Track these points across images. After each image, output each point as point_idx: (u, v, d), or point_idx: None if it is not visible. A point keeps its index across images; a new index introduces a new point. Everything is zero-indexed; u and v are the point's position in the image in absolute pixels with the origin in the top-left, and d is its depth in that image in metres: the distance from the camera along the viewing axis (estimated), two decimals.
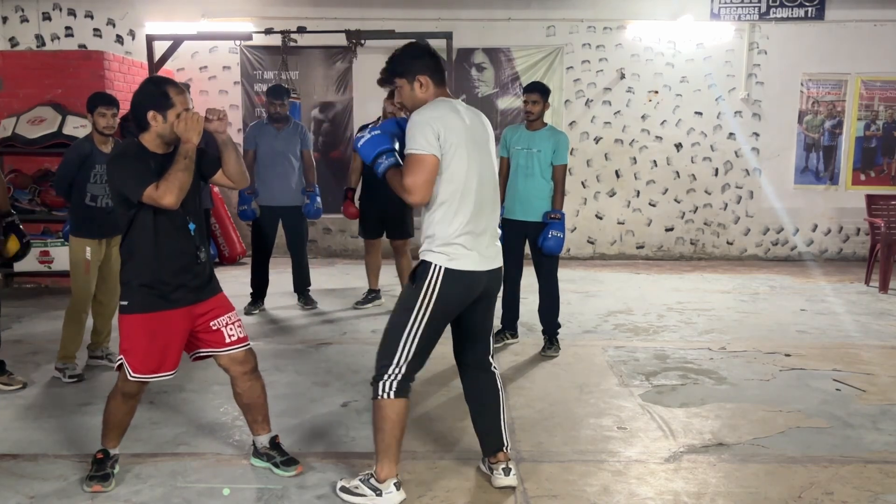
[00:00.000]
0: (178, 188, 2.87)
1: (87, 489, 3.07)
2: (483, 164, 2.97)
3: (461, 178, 2.88)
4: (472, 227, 2.91)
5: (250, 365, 3.22)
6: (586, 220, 9.28)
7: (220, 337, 3.13)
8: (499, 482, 3.12)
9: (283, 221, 6.26)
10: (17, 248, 4.17)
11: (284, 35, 7.70)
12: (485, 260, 2.96)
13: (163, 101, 2.94)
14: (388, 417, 2.92)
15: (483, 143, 3.00)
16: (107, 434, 3.17)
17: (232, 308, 3.23)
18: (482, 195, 2.95)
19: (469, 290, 2.95)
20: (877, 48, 8.86)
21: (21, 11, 8.82)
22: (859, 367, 4.85)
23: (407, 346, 2.91)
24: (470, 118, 2.97)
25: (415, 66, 2.94)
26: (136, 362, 3.00)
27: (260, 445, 3.33)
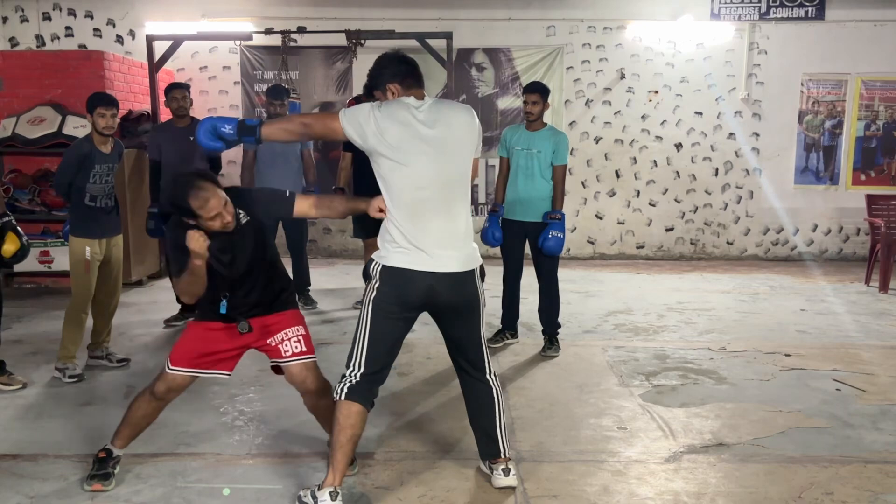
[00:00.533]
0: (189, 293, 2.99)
1: (88, 488, 3.07)
2: (437, 164, 2.88)
3: (398, 180, 2.87)
4: (410, 228, 2.87)
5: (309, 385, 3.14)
6: (586, 220, 9.28)
7: (278, 352, 3.16)
8: (499, 482, 3.12)
9: (283, 222, 6.26)
10: (16, 248, 4.15)
11: (284, 35, 7.69)
12: (429, 261, 2.86)
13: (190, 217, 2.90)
14: (337, 419, 2.88)
15: (443, 143, 2.90)
16: (120, 431, 3.18)
17: (297, 323, 3.20)
18: (429, 195, 2.87)
19: (406, 288, 2.88)
20: (877, 48, 8.86)
21: (21, 11, 8.82)
22: (859, 367, 4.85)
23: (358, 347, 2.92)
24: (431, 118, 2.89)
25: (384, 76, 3.01)
26: (178, 355, 3.08)
27: None
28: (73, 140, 5.53)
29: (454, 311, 3.02)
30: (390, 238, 2.91)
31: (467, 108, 3.06)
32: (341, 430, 2.86)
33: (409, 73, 3.01)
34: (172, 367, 3.06)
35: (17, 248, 4.16)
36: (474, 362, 3.14)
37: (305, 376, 3.14)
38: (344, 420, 2.86)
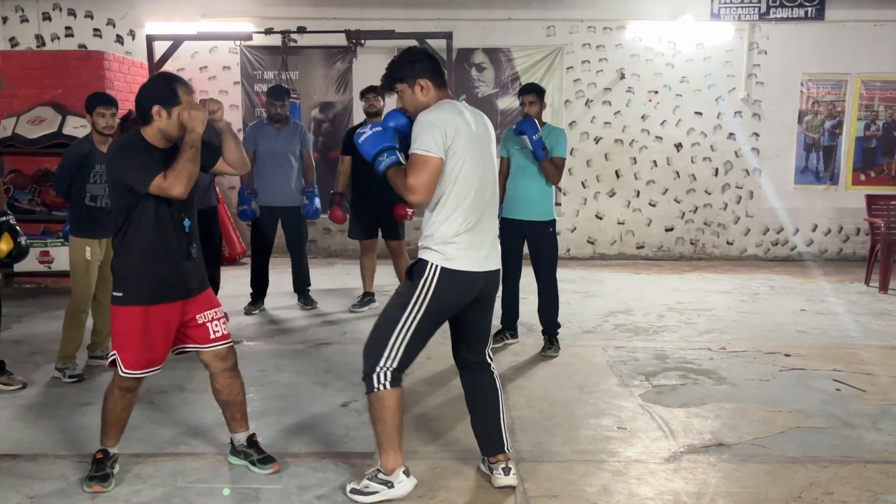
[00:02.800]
0: (186, 178, 2.89)
1: (87, 489, 3.07)
2: (485, 166, 2.98)
3: (463, 180, 2.90)
4: (472, 228, 2.92)
5: (231, 362, 3.23)
6: (586, 220, 9.28)
7: (205, 333, 3.14)
8: (499, 482, 3.12)
9: (283, 221, 6.26)
10: (10, 248, 4.14)
11: (284, 35, 7.70)
12: (482, 261, 2.96)
13: (170, 98, 2.95)
14: (388, 407, 2.94)
15: (485, 146, 3.01)
16: (106, 432, 3.17)
17: (218, 304, 3.24)
18: (482, 197, 2.96)
19: (465, 290, 2.95)
20: (877, 48, 8.86)
21: (21, 11, 8.82)
22: (859, 367, 4.85)
23: (398, 342, 2.93)
24: (474, 120, 2.99)
25: (415, 70, 2.97)
26: (130, 358, 3.02)
27: (237, 443, 3.34)
28: (73, 140, 5.53)
29: (484, 304, 3.09)
30: (450, 239, 2.90)
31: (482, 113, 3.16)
32: (394, 415, 2.95)
33: (439, 70, 3.05)
34: (126, 372, 3.02)
35: (11, 248, 4.14)
36: (480, 355, 3.17)
37: (227, 354, 3.22)
38: (395, 406, 2.95)
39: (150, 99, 2.97)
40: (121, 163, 2.96)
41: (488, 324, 3.18)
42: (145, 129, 3.01)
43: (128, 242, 3.02)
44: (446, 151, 2.85)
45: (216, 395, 3.28)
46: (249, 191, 6.06)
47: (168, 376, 3.72)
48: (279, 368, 4.74)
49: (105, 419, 3.16)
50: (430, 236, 2.94)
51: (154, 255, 3.00)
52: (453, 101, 3.00)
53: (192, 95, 3.02)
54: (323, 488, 3.12)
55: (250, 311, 6.19)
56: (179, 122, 2.95)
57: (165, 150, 3.01)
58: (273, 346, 5.27)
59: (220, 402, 3.30)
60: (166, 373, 3.26)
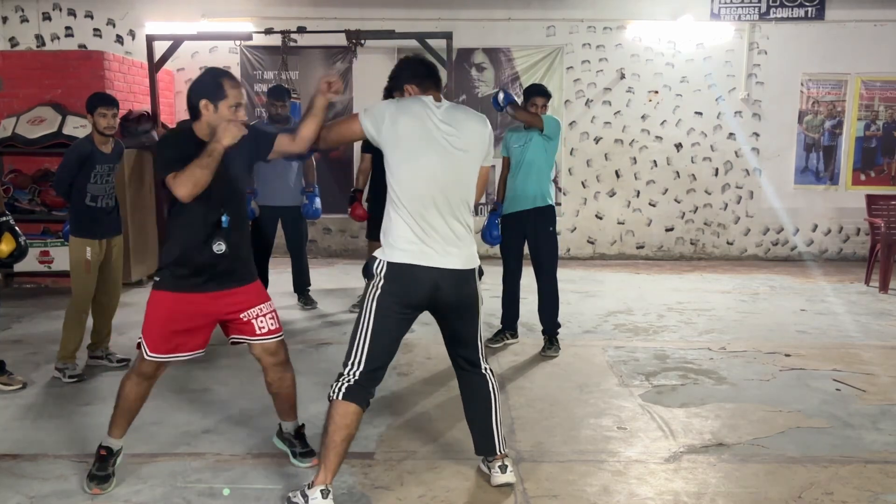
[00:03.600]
0: (192, 183, 2.88)
1: (87, 490, 3.07)
2: (435, 166, 2.90)
3: (405, 175, 2.89)
4: (414, 224, 2.88)
5: (281, 357, 3.26)
6: (586, 220, 9.28)
7: (251, 328, 3.16)
8: (497, 480, 3.12)
9: (283, 221, 6.26)
10: (12, 248, 4.14)
11: (284, 35, 7.69)
12: (433, 257, 2.89)
13: (217, 92, 2.98)
14: (333, 419, 2.86)
15: (451, 145, 2.93)
16: (115, 420, 3.17)
17: (266, 298, 3.23)
18: (429, 195, 2.89)
19: (412, 285, 2.89)
20: (877, 48, 8.86)
21: (21, 11, 8.82)
22: (859, 367, 4.85)
23: (360, 345, 2.90)
24: (446, 118, 2.95)
25: (402, 77, 3.09)
26: (154, 341, 3.05)
27: (285, 430, 3.42)
28: (73, 140, 5.53)
29: (455, 308, 3.02)
30: (395, 234, 2.91)
31: (482, 117, 3.11)
32: (336, 429, 2.85)
33: (427, 74, 3.07)
34: (151, 355, 3.05)
35: (12, 249, 4.14)
36: (470, 358, 3.15)
37: (277, 349, 3.24)
38: (340, 420, 2.85)
39: (197, 93, 3.01)
40: (159, 149, 3.10)
41: (472, 330, 3.10)
42: (196, 124, 3.04)
43: (170, 230, 3.10)
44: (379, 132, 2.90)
45: (268, 387, 3.33)
46: (249, 190, 6.06)
47: (168, 376, 3.72)
48: None
49: (118, 406, 3.17)
50: (382, 232, 2.97)
51: (186, 246, 3.03)
52: (422, 97, 2.99)
53: (240, 90, 3.05)
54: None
55: None
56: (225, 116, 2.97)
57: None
58: None
59: (271, 393, 3.36)
60: (166, 373, 3.26)
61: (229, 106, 2.99)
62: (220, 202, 3.05)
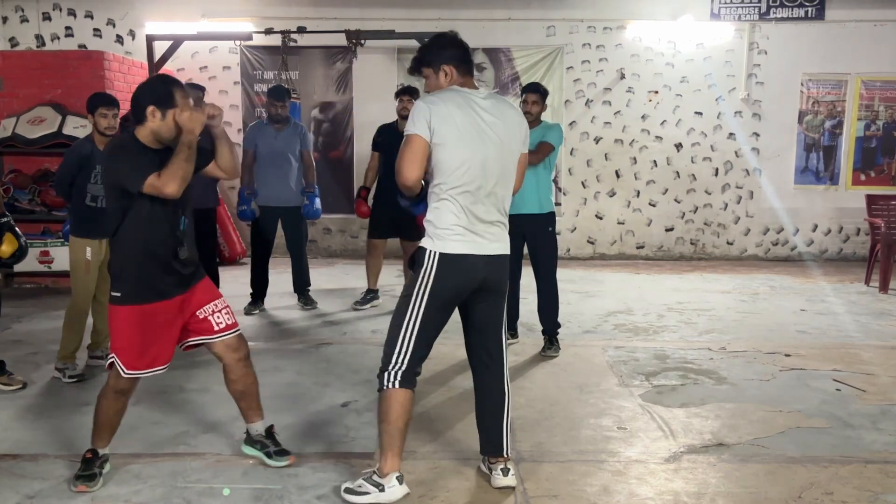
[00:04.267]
0: (180, 177, 2.89)
1: (73, 489, 3.07)
2: (486, 157, 2.93)
3: (455, 167, 2.89)
4: (469, 215, 2.92)
5: (244, 352, 3.24)
6: (586, 220, 9.28)
7: (208, 325, 3.15)
8: (498, 482, 3.11)
9: (283, 222, 6.26)
10: (14, 249, 4.14)
11: (284, 35, 7.70)
12: (481, 245, 2.95)
13: (166, 100, 2.95)
14: (393, 408, 2.92)
15: (497, 135, 2.96)
16: (97, 434, 3.17)
17: (218, 294, 3.24)
18: (483, 185, 2.93)
19: (465, 274, 2.94)
20: (877, 48, 8.86)
21: (21, 11, 8.82)
22: (859, 367, 4.85)
23: (408, 335, 2.93)
24: (489, 109, 2.96)
25: (441, 55, 3.02)
26: (129, 359, 3.02)
27: (255, 433, 3.35)
28: (73, 140, 5.53)
29: (492, 292, 3.06)
30: (446, 225, 2.92)
31: (516, 107, 3.16)
32: (399, 416, 2.92)
33: (466, 58, 3.06)
34: (129, 373, 3.02)
35: (14, 249, 4.15)
36: (495, 354, 3.14)
37: (239, 345, 3.21)
38: (401, 408, 2.93)
39: (146, 99, 2.97)
40: (114, 165, 2.97)
41: (499, 316, 3.13)
42: (139, 130, 3.01)
43: (124, 242, 3.02)
44: (432, 135, 2.87)
45: (231, 385, 3.28)
46: (249, 191, 6.07)
47: (168, 376, 3.72)
48: (279, 368, 4.74)
49: (97, 422, 3.16)
50: (429, 223, 2.97)
51: (150, 255, 3.01)
52: (462, 89, 2.99)
53: (189, 99, 3.02)
54: (323, 488, 3.12)
55: (250, 312, 6.19)
56: (173, 125, 2.96)
57: (158, 151, 3.01)
58: (273, 347, 5.26)
59: (234, 392, 3.30)
60: (166, 373, 3.26)
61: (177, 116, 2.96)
62: (178, 205, 3.04)
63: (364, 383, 4.37)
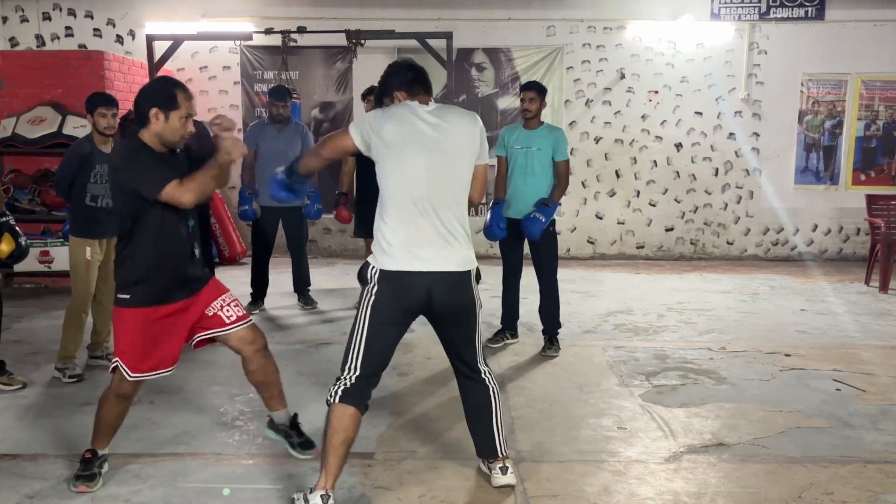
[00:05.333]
0: (201, 192, 2.91)
1: (73, 489, 3.08)
2: (432, 165, 2.88)
3: (396, 179, 2.88)
4: (404, 229, 2.86)
5: (261, 343, 3.24)
6: (586, 220, 9.28)
7: (218, 320, 3.15)
8: (497, 481, 3.11)
9: (284, 222, 6.26)
10: (11, 249, 4.14)
11: (284, 35, 7.70)
12: (423, 261, 2.85)
13: (169, 102, 2.96)
14: (331, 423, 2.86)
15: (441, 145, 2.90)
16: (97, 435, 3.18)
17: (225, 290, 3.24)
18: (419, 197, 2.87)
19: (405, 291, 2.87)
20: (877, 48, 8.86)
21: (21, 11, 8.82)
22: (859, 367, 4.85)
23: (354, 351, 2.90)
24: (431, 119, 2.92)
25: (391, 84, 3.09)
26: (133, 362, 3.02)
27: (279, 421, 3.37)
28: (73, 140, 5.53)
29: (451, 313, 2.99)
30: (386, 241, 2.88)
31: (471, 114, 3.08)
32: (335, 433, 2.84)
33: (416, 80, 3.06)
34: (134, 375, 3.03)
35: (12, 249, 4.14)
36: (469, 363, 3.13)
37: (255, 336, 3.22)
38: (338, 423, 2.85)
39: (149, 101, 2.98)
40: (128, 170, 2.96)
41: (469, 335, 3.07)
42: (143, 132, 3.01)
43: (134, 247, 3.02)
44: (368, 144, 2.91)
45: (250, 376, 3.28)
46: (251, 191, 6.06)
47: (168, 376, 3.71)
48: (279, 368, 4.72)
49: (98, 424, 3.16)
50: (374, 238, 2.95)
51: (160, 258, 3.02)
52: (409, 103, 2.98)
53: (192, 101, 3.03)
54: None
55: (250, 311, 6.15)
56: (177, 126, 2.97)
57: (164, 156, 3.02)
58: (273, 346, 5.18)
59: (255, 383, 3.31)
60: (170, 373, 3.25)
61: (180, 117, 2.97)
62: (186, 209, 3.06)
63: None
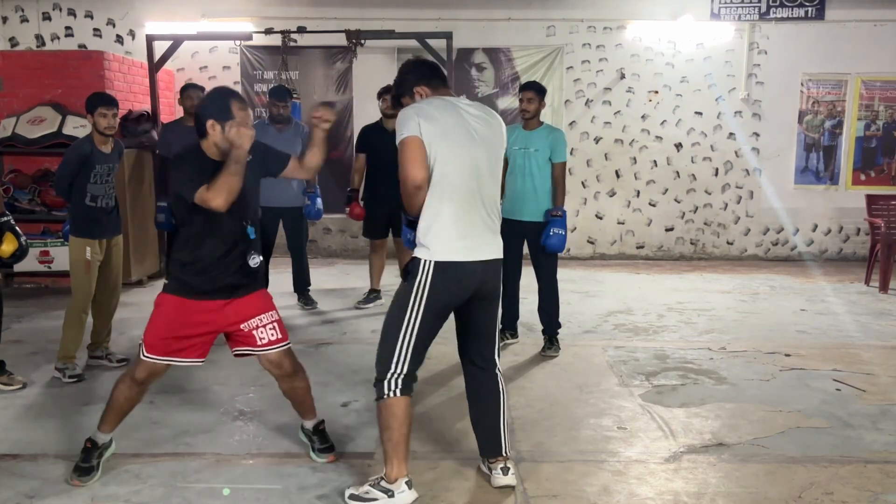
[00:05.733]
0: (227, 191, 2.92)
1: (70, 482, 3.12)
2: (477, 158, 2.95)
3: (444, 171, 2.90)
4: (460, 219, 2.92)
5: (287, 369, 3.28)
6: (586, 220, 9.28)
7: (252, 339, 3.19)
8: (498, 482, 3.12)
9: (284, 222, 6.26)
10: (14, 248, 4.14)
11: (284, 35, 7.69)
12: (475, 250, 2.96)
13: (224, 113, 3.00)
14: (396, 416, 2.92)
15: (483, 139, 2.99)
16: (105, 417, 3.21)
17: (268, 308, 3.24)
18: (472, 188, 2.94)
19: (460, 281, 2.94)
20: (877, 48, 8.86)
21: (21, 11, 8.82)
22: (859, 367, 4.85)
23: (405, 345, 2.93)
24: (473, 114, 3.00)
25: (409, 81, 3.09)
26: (153, 341, 3.08)
27: (306, 428, 3.49)
28: (73, 140, 5.53)
29: (486, 298, 3.07)
30: (440, 232, 2.91)
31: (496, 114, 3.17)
32: (402, 424, 2.93)
33: (433, 73, 3.10)
34: (147, 355, 3.08)
35: (14, 249, 4.15)
36: (486, 354, 3.15)
37: (282, 362, 3.26)
38: (403, 415, 2.93)
39: (206, 113, 3.03)
40: (175, 172, 3.05)
41: (494, 322, 3.16)
42: (203, 142, 3.06)
43: (183, 240, 3.10)
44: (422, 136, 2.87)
45: (283, 392, 3.41)
46: None
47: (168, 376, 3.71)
48: None
49: (109, 405, 3.21)
50: (422, 230, 2.95)
51: (203, 261, 3.06)
52: (444, 97, 3.01)
53: (248, 112, 3.06)
54: (323, 488, 3.13)
55: None
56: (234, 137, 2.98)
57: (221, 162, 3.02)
58: None
59: (286, 396, 3.43)
60: (167, 373, 3.26)
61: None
62: (243, 215, 3.10)
63: (364, 383, 4.36)
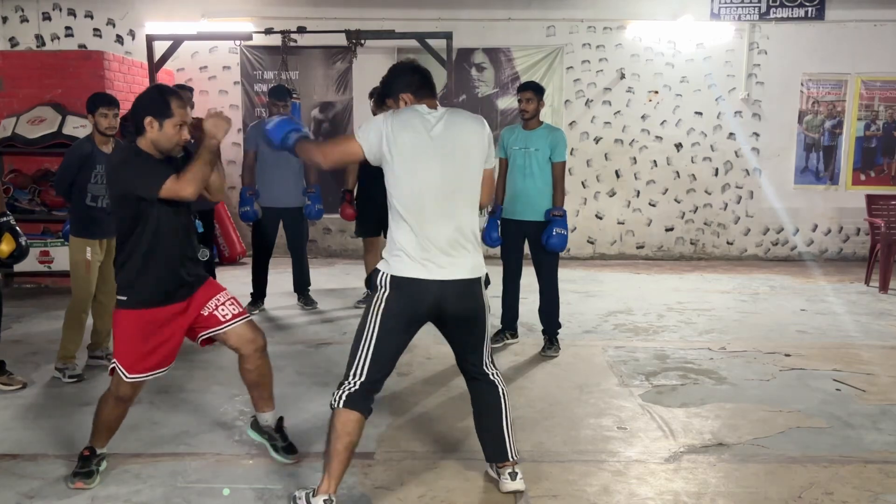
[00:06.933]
0: (199, 180, 2.92)
1: (71, 486, 3.10)
2: (442, 172, 2.88)
3: (407, 185, 2.86)
4: (419, 236, 2.85)
5: (260, 342, 3.26)
6: (586, 220, 9.28)
7: (214, 320, 3.18)
8: (506, 487, 3.08)
9: (284, 222, 6.26)
10: (12, 248, 4.14)
11: (284, 35, 7.69)
12: (435, 269, 2.85)
13: (162, 110, 2.98)
14: (335, 427, 2.85)
15: (453, 151, 2.91)
16: (96, 435, 3.20)
17: (220, 289, 3.25)
18: (437, 203, 2.87)
19: (415, 298, 2.86)
20: (877, 48, 8.86)
21: (21, 11, 8.82)
22: (859, 367, 4.85)
23: (363, 356, 2.87)
24: (444, 124, 2.92)
25: (397, 85, 3.06)
26: (131, 362, 3.04)
27: (263, 422, 3.39)
28: (73, 140, 5.53)
29: (460, 320, 2.99)
30: (398, 247, 2.88)
31: (478, 118, 3.08)
32: (338, 437, 2.84)
33: (422, 83, 3.04)
34: (130, 377, 3.04)
35: (12, 249, 4.14)
36: (477, 365, 3.13)
37: (254, 335, 3.24)
38: (342, 428, 2.84)
39: (143, 110, 3.01)
40: (124, 176, 2.99)
41: (478, 339, 3.08)
42: (140, 140, 3.04)
43: (132, 249, 3.04)
44: (378, 153, 2.88)
45: (246, 375, 3.32)
46: (251, 191, 6.07)
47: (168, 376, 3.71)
48: (279, 368, 4.71)
49: (96, 424, 3.18)
50: (387, 244, 2.96)
51: (158, 260, 3.03)
52: (417, 107, 2.96)
53: (186, 110, 3.05)
54: None
55: (250, 311, 6.15)
56: (171, 134, 2.99)
57: (160, 160, 3.04)
58: (273, 346, 5.19)
59: (248, 381, 3.34)
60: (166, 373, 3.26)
61: (174, 125, 2.99)
62: (187, 209, 3.09)
63: None
